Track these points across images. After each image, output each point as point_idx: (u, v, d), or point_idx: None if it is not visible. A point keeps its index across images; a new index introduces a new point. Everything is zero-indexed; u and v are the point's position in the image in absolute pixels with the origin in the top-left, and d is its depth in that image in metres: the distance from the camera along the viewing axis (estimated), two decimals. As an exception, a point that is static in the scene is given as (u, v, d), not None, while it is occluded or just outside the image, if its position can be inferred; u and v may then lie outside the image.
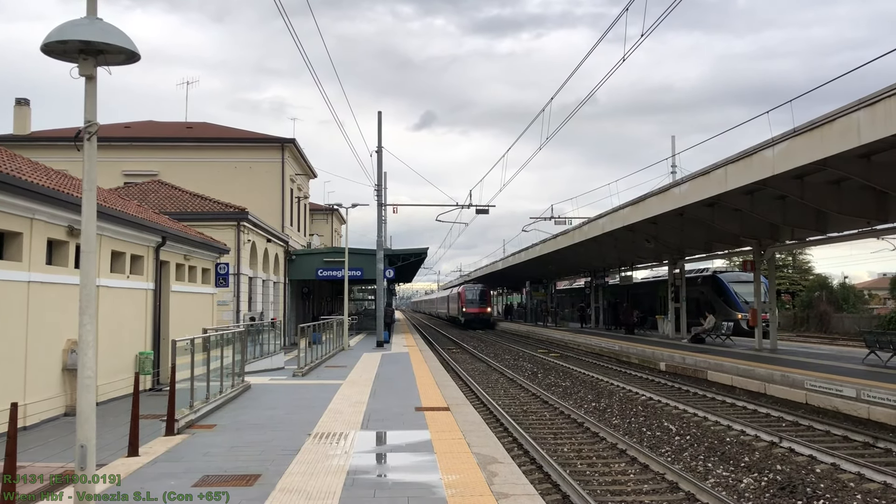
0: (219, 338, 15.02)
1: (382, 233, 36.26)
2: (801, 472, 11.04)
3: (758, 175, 21.25)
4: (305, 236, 48.06)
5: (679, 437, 13.98)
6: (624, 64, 17.18)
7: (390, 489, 8.08)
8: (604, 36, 15.87)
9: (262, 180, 38.76)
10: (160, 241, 18.32)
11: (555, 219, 43.73)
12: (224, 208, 28.77)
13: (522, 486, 8.19)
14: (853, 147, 16.85)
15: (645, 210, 31.11)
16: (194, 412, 12.52)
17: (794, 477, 10.71)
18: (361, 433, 11.54)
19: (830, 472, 10.94)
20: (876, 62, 17.40)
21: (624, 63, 15.16)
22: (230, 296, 27.81)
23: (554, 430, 15.07)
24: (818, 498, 9.62)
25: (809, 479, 10.54)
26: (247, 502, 7.50)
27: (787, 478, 10.66)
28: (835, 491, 9.92)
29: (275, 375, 20.92)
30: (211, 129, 43.82)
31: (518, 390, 21.75)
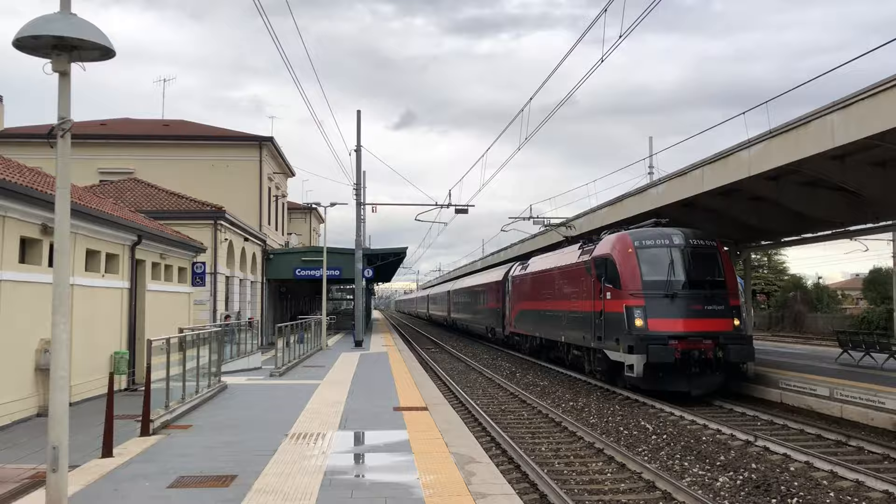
0: (195, 337, 14.91)
1: (361, 232, 36.15)
2: (775, 470, 11.15)
3: (734, 176, 21.42)
4: (283, 235, 47.81)
5: (656, 437, 14.07)
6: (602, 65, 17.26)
7: (368, 489, 8.06)
8: (582, 37, 15.93)
9: (240, 179, 38.49)
10: (136, 240, 18.14)
11: (533, 219, 43.66)
12: (201, 207, 28.55)
13: (500, 486, 8.20)
14: (827, 149, 17.02)
15: (622, 211, 31.24)
16: (170, 412, 12.40)
17: (768, 475, 10.81)
18: (339, 433, 11.50)
19: (804, 470, 11.06)
20: (848, 65, 17.57)
21: (602, 64, 15.20)
22: (207, 295, 27.60)
23: (532, 429, 15.11)
24: (792, 496, 9.72)
25: (783, 478, 10.64)
26: (223, 503, 7.44)
27: (761, 476, 10.76)
28: (808, 489, 10.03)
29: (252, 375, 20.79)
30: (188, 126, 43.46)
31: (496, 389, 21.78)
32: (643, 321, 18.63)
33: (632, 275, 19.44)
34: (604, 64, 15.94)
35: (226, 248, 29.85)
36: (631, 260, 19.76)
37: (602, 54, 15.19)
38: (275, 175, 43.12)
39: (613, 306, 19.77)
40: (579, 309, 22.79)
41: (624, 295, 19.33)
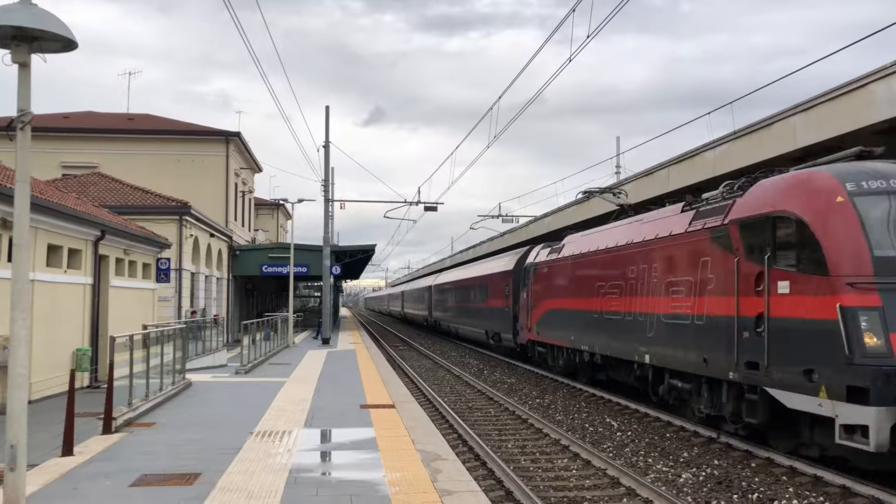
0: (159, 334, 14.74)
1: (329, 229, 35.97)
2: (737, 466, 11.31)
3: (699, 176, 21.70)
4: (250, 232, 47.41)
5: (621, 433, 14.20)
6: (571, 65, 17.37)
7: (333, 487, 8.03)
8: (551, 36, 16.00)
9: (206, 174, 38.05)
10: (99, 235, 17.87)
11: (502, 217, 43.95)
12: (166, 202, 28.23)
13: (466, 483, 8.22)
14: (790, 150, 17.33)
15: (589, 210, 31.52)
16: (133, 410, 12.25)
17: (730, 472, 10.97)
18: (305, 431, 11.44)
19: (765, 465, 11.23)
20: (811, 67, 17.88)
21: (571, 64, 15.23)
22: (172, 291, 27.30)
23: (499, 426, 15.16)
24: (753, 491, 9.87)
25: (745, 474, 10.81)
26: (186, 502, 7.36)
27: (724, 472, 10.91)
28: (769, 484, 10.19)
29: (217, 373, 20.60)
30: (153, 120, 42.88)
31: (464, 387, 21.82)
32: (883, 337, 9.54)
33: (851, 246, 10.21)
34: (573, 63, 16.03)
35: (191, 244, 29.53)
36: (846, 217, 10.40)
37: (570, 54, 15.28)
38: (241, 170, 42.73)
39: (803, 306, 10.59)
40: (695, 311, 13.51)
41: (835, 286, 10.02)
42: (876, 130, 14.62)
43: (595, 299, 18.56)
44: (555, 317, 22.25)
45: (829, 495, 9.56)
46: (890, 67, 14.51)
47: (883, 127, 14.62)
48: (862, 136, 14.74)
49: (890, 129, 14.27)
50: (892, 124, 14.45)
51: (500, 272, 31.11)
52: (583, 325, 19.47)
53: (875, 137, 12.89)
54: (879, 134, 13.97)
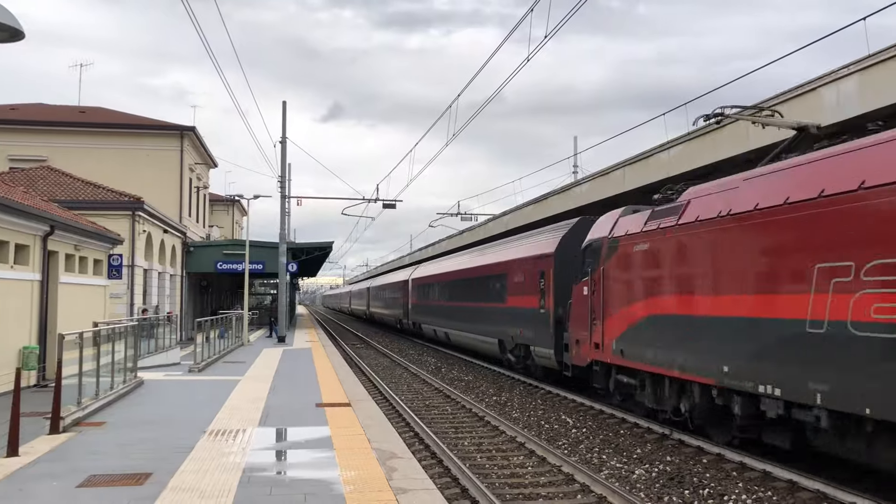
0: (110, 332, 14.44)
1: (286, 225, 35.65)
2: (689, 462, 11.50)
3: (654, 177, 22.00)
4: (205, 228, 46.75)
5: (576, 430, 14.33)
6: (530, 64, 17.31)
7: (287, 486, 7.95)
8: (509, 35, 16.06)
9: (160, 169, 37.38)
10: (48, 230, 17.44)
11: (461, 215, 44.07)
12: (118, 197, 27.69)
13: (421, 481, 8.21)
14: (743, 152, 17.64)
15: (547, 209, 31.77)
16: (82, 409, 11.98)
17: (682, 468, 11.14)
18: (259, 430, 11.31)
19: (716, 462, 11.43)
20: (763, 70, 18.19)
21: (529, 63, 15.26)
22: (124, 288, 26.80)
23: (455, 424, 15.19)
24: (704, 487, 10.04)
25: (696, 470, 10.98)
26: (136, 502, 7.22)
27: (676, 469, 11.08)
28: (719, 480, 10.38)
29: (170, 371, 20.27)
30: (106, 114, 41.99)
31: (421, 385, 21.82)
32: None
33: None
34: (531, 63, 16.03)
35: (144, 240, 29.01)
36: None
37: (528, 53, 15.35)
38: (196, 165, 42.10)
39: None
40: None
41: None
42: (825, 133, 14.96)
43: (781, 298, 10.01)
44: (667, 327, 12.87)
45: (777, 490, 9.77)
46: (838, 72, 14.87)
47: (832, 130, 14.96)
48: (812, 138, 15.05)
49: (839, 132, 14.60)
50: (841, 127, 14.80)
51: (531, 257, 21.73)
52: (751, 345, 10.59)
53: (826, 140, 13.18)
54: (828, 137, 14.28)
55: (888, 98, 13.80)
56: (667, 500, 9.51)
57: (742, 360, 10.75)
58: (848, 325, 8.67)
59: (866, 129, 10.75)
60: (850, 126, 14.55)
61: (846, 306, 8.71)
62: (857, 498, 8.96)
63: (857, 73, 14.40)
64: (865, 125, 11.52)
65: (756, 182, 11.16)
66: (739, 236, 10.94)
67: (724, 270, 11.33)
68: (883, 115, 14.02)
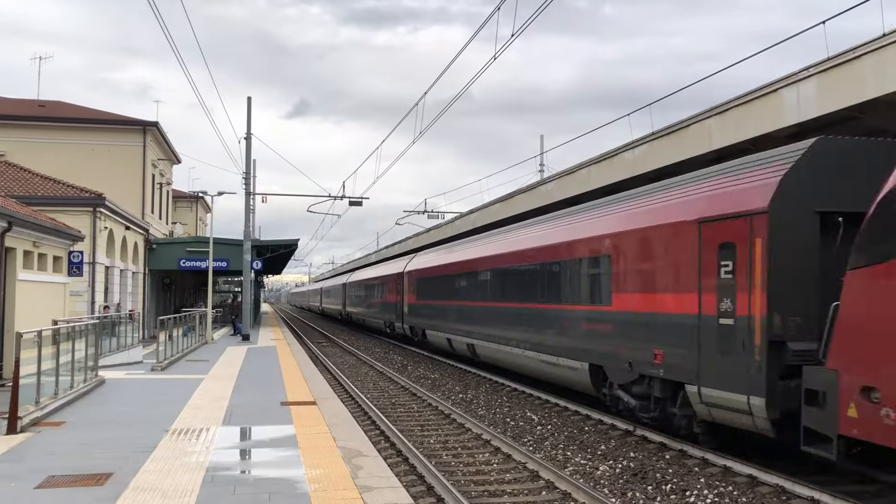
0: (70, 330, 14.20)
1: (250, 222, 35.34)
2: (652, 458, 11.64)
3: (619, 175, 22.20)
4: (168, 225, 46.16)
5: (541, 427, 14.42)
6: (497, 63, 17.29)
7: (252, 485, 7.89)
8: (476, 33, 16.08)
9: (122, 165, 36.83)
10: (6, 227, 17.08)
11: (428, 213, 44.07)
12: (79, 193, 27.22)
13: (387, 479, 8.20)
14: (705, 152, 17.88)
15: (513, 207, 31.90)
16: (41, 409, 11.77)
17: (645, 463, 11.27)
18: (223, 429, 11.21)
19: (678, 457, 11.58)
20: (726, 71, 18.49)
21: (497, 62, 15.30)
22: (85, 286, 26.37)
23: (421, 421, 15.19)
24: (667, 482, 10.17)
25: (660, 465, 11.12)
26: (96, 502, 7.12)
27: (639, 465, 11.21)
28: (681, 475, 10.52)
29: (132, 370, 19.98)
30: (66, 108, 41.26)
31: (387, 383, 21.78)
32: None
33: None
34: (498, 61, 16.07)
35: (106, 237, 28.57)
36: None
37: (495, 52, 15.39)
38: (159, 161, 41.55)
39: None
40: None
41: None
42: (786, 134, 15.24)
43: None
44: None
45: (738, 484, 9.93)
46: (798, 74, 15.14)
47: (793, 131, 15.24)
48: (773, 139, 15.34)
49: (799, 133, 14.89)
50: (800, 128, 15.08)
51: (695, 221, 10.76)
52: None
53: (785, 141, 13.43)
54: (789, 138, 14.56)
55: (845, 101, 14.08)
56: (630, 496, 9.62)
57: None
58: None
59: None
60: (809, 128, 14.84)
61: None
62: (815, 492, 9.15)
63: (815, 76, 14.68)
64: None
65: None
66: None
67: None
68: (840, 117, 14.32)
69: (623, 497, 9.59)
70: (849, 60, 13.91)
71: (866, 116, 14.09)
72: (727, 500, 9.35)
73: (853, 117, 14.18)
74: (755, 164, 11.25)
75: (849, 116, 14.21)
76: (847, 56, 13.95)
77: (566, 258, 16.25)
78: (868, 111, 13.87)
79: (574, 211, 17.73)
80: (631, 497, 9.59)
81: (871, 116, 14.07)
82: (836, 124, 14.37)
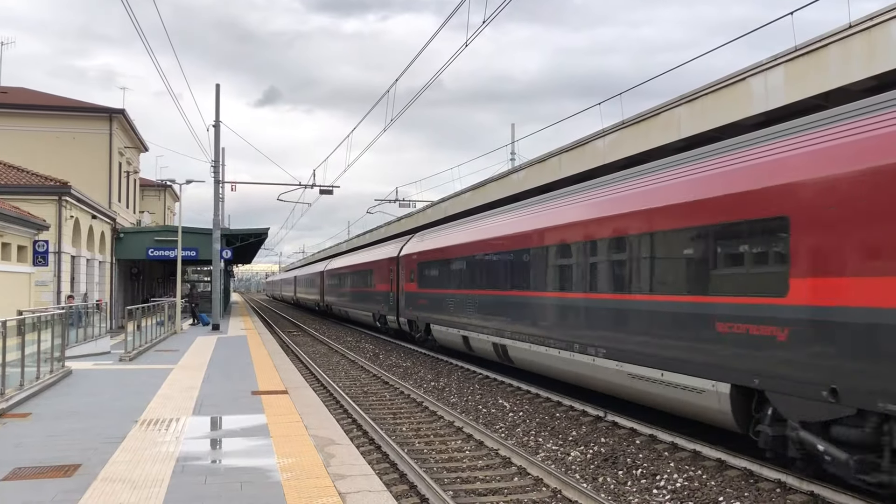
0: (35, 320, 13.97)
1: (219, 211, 34.98)
2: (623, 443, 11.75)
3: (590, 164, 22.29)
4: (135, 213, 45.56)
5: (513, 414, 14.49)
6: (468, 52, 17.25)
7: (223, 475, 7.84)
8: (447, 20, 16.03)
9: (88, 153, 36.25)
10: (-33, 215, 16.75)
11: (399, 201, 43.98)
12: (43, 181, 26.74)
13: (360, 467, 8.19)
14: (674, 140, 18.02)
15: (485, 195, 31.92)
16: (6, 400, 11.59)
17: (616, 449, 11.38)
18: (193, 419, 11.11)
19: (648, 443, 11.71)
20: (694, 62, 18.59)
21: (468, 50, 15.26)
22: (50, 275, 25.94)
23: (394, 410, 15.19)
24: (637, 467, 10.28)
25: (630, 451, 11.24)
26: (64, 494, 7.02)
27: (610, 450, 11.32)
28: (651, 460, 10.64)
29: (99, 360, 19.72)
30: (29, 95, 40.45)
31: (359, 371, 21.74)
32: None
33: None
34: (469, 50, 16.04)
35: (71, 226, 28.11)
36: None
37: (466, 39, 15.35)
38: (126, 150, 40.94)
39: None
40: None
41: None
42: (753, 122, 15.41)
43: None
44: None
45: (707, 468, 10.07)
46: (766, 64, 15.30)
47: (760, 119, 15.42)
48: (741, 127, 15.51)
49: (766, 122, 15.06)
50: (768, 116, 15.26)
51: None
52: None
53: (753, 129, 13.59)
54: (756, 125, 14.73)
55: (811, 89, 14.27)
56: (601, 481, 9.71)
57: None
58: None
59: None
60: (776, 116, 15.02)
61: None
62: (781, 475, 9.30)
63: (783, 65, 14.85)
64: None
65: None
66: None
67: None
68: (807, 105, 14.51)
69: (594, 482, 9.68)
70: (815, 50, 14.09)
71: (832, 105, 14.30)
72: (696, 483, 9.48)
73: (819, 105, 14.38)
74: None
75: (815, 105, 14.41)
76: (813, 45, 14.12)
77: (698, 222, 10.62)
78: (834, 99, 14.07)
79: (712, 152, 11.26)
80: (602, 482, 9.68)
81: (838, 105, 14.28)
82: (802, 113, 14.57)
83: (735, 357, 9.75)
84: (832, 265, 8.34)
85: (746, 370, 9.54)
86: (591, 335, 13.59)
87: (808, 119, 9.55)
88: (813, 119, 9.40)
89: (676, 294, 11.05)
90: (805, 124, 9.45)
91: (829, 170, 8.47)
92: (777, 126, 10.16)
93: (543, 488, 9.36)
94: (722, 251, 10.28)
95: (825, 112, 9.46)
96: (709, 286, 10.37)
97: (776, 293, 9.06)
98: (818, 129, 9.06)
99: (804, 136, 9.18)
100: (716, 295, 10.19)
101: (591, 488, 9.28)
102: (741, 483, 9.43)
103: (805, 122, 9.52)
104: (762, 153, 9.73)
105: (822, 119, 9.21)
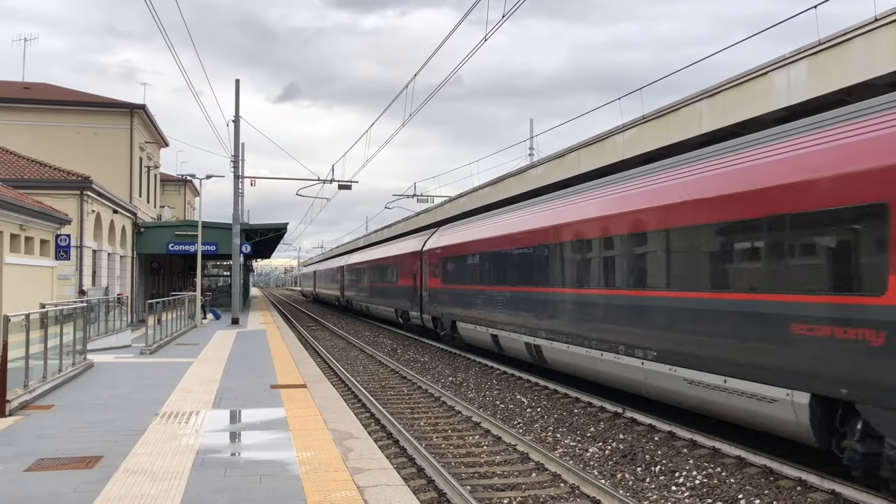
0: (58, 313, 14.12)
1: (239, 206, 35.17)
2: (641, 440, 11.70)
3: (609, 159, 22.17)
4: (156, 208, 45.89)
5: (531, 409, 14.47)
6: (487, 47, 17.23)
7: (242, 468, 7.88)
8: (466, 15, 15.99)
9: (109, 148, 36.54)
10: (-9, 210, 16.96)
11: (417, 196, 44.00)
12: (66, 176, 27.00)
13: (378, 461, 8.21)
14: (695, 135, 17.87)
15: (503, 190, 31.85)
16: (29, 392, 11.72)
17: (635, 445, 11.33)
18: (213, 412, 11.19)
19: (667, 439, 11.65)
20: (716, 56, 18.43)
21: (486, 45, 15.20)
22: (72, 269, 26.20)
23: (411, 404, 15.22)
24: (656, 464, 10.24)
25: (648, 447, 11.19)
26: (86, 485, 7.09)
27: (628, 446, 11.27)
28: (670, 457, 10.59)
29: (121, 353, 19.91)
30: (52, 90, 40.81)
31: (377, 366, 21.80)
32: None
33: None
34: (488, 45, 15.96)
35: (93, 220, 28.37)
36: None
37: (485, 34, 15.30)
38: (147, 145, 41.24)
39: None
40: None
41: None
42: (775, 118, 15.25)
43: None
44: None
45: (726, 465, 10.00)
46: (788, 58, 15.13)
47: (782, 114, 15.25)
48: (763, 122, 15.35)
49: (788, 117, 14.90)
50: (790, 111, 15.09)
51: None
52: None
53: (775, 124, 13.45)
54: (778, 121, 14.57)
55: (834, 84, 14.09)
56: (619, 477, 9.68)
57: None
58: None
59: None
60: (798, 111, 14.86)
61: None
62: (803, 472, 9.22)
63: (806, 59, 14.67)
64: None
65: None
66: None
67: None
68: (829, 101, 14.33)
69: (613, 478, 9.65)
70: (840, 43, 13.91)
71: (855, 100, 14.12)
72: (715, 480, 9.42)
73: (842, 100, 14.20)
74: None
75: (837, 100, 14.23)
76: (838, 39, 13.94)
77: (771, 212, 9.44)
78: (857, 94, 13.89)
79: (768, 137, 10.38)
80: (620, 478, 9.65)
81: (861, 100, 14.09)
82: (824, 108, 14.39)
83: (817, 363, 8.57)
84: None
85: (831, 378, 8.34)
86: (641, 335, 12.35)
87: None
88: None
89: (744, 292, 9.85)
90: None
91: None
92: (867, 101, 8.81)
93: (561, 484, 9.35)
94: (801, 244, 9.03)
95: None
96: (785, 283, 9.13)
97: (871, 291, 7.83)
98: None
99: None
100: (793, 293, 8.94)
101: (610, 484, 9.25)
102: (761, 480, 9.35)
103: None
104: (852, 132, 8.48)
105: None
